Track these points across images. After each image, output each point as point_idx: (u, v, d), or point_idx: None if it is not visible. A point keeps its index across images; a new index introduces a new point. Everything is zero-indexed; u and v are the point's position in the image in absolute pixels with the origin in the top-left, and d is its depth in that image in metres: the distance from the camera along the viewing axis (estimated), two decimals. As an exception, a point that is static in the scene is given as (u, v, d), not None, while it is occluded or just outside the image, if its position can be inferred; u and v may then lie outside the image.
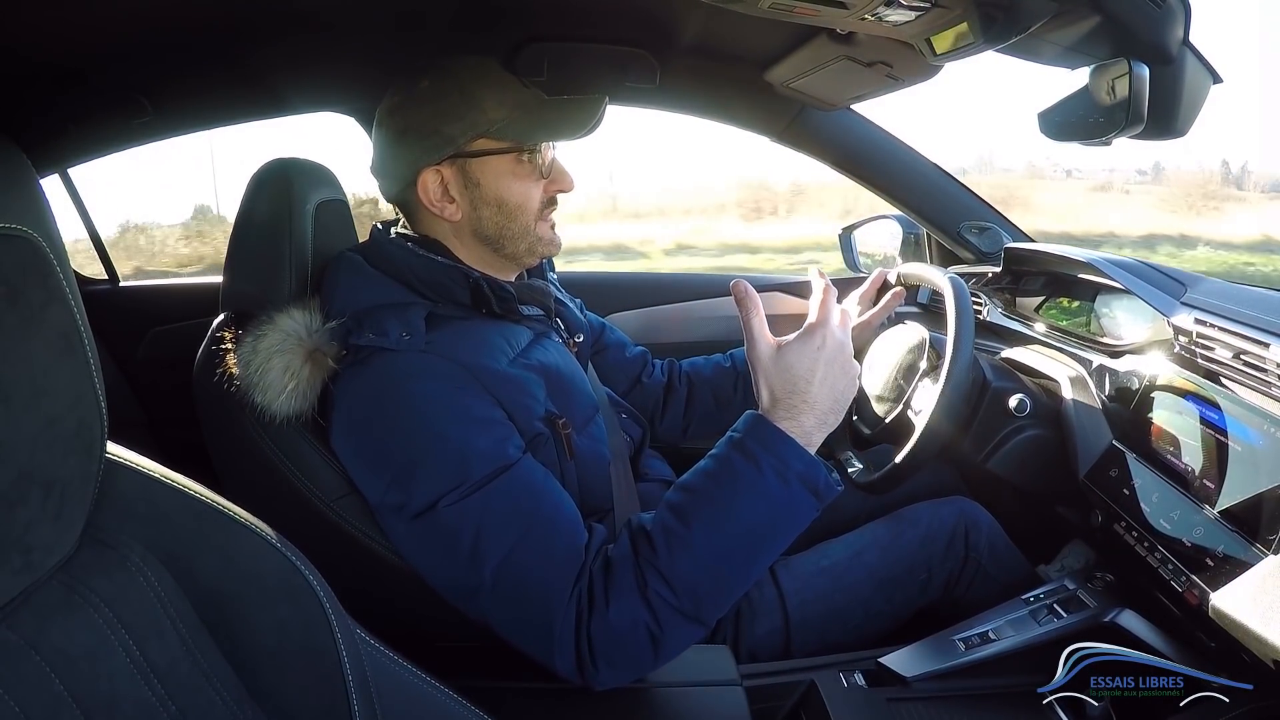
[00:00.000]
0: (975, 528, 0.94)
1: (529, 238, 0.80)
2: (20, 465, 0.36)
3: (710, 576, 0.64)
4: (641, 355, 1.14)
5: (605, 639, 0.63)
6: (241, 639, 0.45)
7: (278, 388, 0.67)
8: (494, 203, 0.78)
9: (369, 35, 1.06)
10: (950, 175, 1.37)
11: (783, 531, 0.66)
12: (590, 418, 0.81)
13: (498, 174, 0.77)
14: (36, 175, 0.38)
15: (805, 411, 0.67)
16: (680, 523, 0.64)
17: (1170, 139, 0.72)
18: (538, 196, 0.80)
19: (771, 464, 0.64)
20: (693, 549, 0.63)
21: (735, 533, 0.64)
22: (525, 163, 0.78)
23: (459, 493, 0.64)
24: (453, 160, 0.76)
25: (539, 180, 0.79)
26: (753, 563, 0.66)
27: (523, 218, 0.79)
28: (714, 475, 0.66)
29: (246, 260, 0.79)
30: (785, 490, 0.65)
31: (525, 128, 0.76)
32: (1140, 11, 0.63)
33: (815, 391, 0.67)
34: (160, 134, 1.30)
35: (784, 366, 0.67)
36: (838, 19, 0.70)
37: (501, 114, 0.76)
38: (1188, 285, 0.86)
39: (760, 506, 0.65)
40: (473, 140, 0.75)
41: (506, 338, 0.76)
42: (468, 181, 0.77)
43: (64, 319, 0.37)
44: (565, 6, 1.05)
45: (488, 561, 0.63)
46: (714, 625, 0.67)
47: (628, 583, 0.63)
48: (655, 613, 0.62)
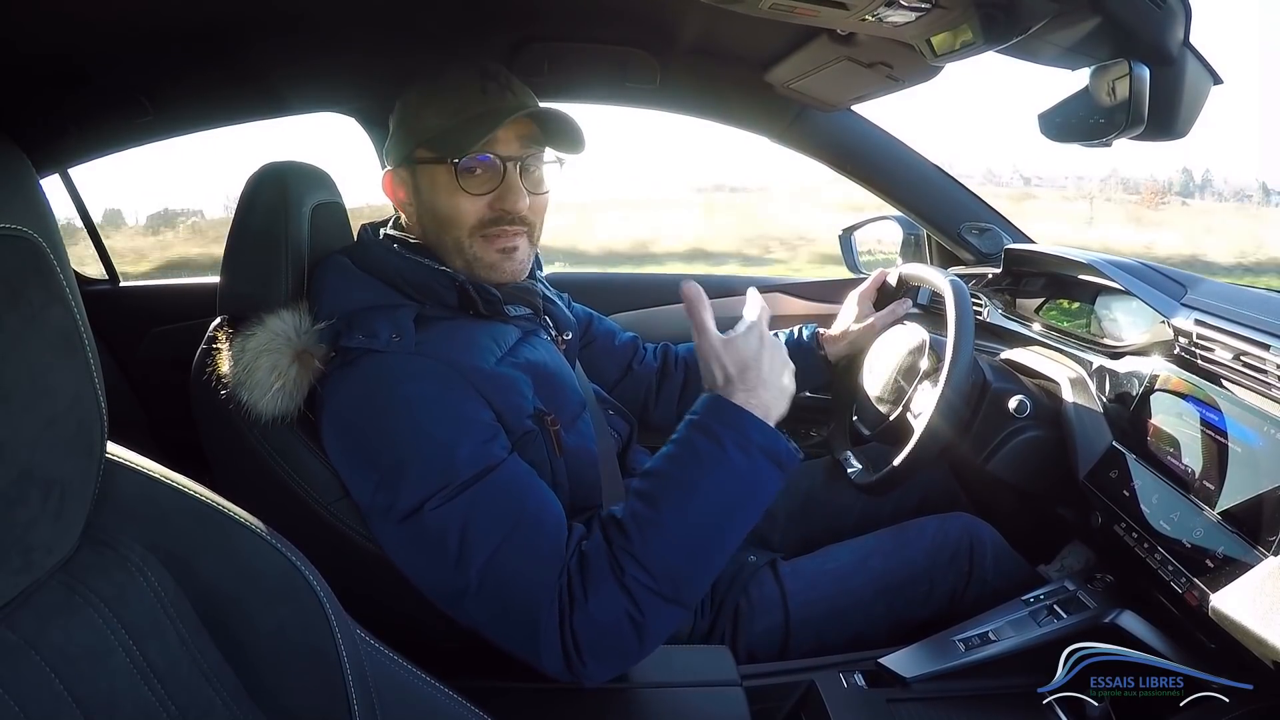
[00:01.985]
0: (980, 544, 0.93)
1: (464, 254, 0.77)
2: (20, 465, 0.36)
3: (684, 557, 0.65)
4: (631, 342, 1.14)
5: (589, 632, 0.63)
6: (241, 639, 0.45)
7: (264, 386, 0.68)
8: (430, 212, 0.77)
9: (369, 35, 1.06)
10: (950, 176, 1.37)
11: (750, 505, 0.68)
12: (578, 414, 0.81)
13: (433, 184, 0.76)
14: (37, 175, 0.38)
15: (760, 386, 0.69)
16: (649, 507, 0.65)
17: (1171, 140, 0.72)
18: (472, 211, 0.75)
19: (733, 438, 0.66)
20: (664, 531, 0.64)
21: (704, 511, 0.65)
22: (457, 174, 0.74)
23: (444, 495, 0.64)
24: (408, 165, 0.78)
25: (473, 195, 0.75)
26: (724, 539, 0.67)
27: (454, 231, 0.76)
28: (677, 458, 0.67)
29: (243, 262, 0.79)
30: (749, 462, 0.66)
31: (458, 139, 0.73)
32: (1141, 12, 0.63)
33: (767, 369, 0.70)
34: (161, 134, 1.30)
35: (736, 349, 0.70)
36: (838, 20, 0.70)
37: (435, 123, 0.75)
38: (1188, 286, 0.86)
39: (726, 482, 0.66)
40: (414, 148, 0.76)
41: (494, 337, 0.76)
42: (416, 188, 0.78)
43: (64, 319, 0.37)
44: (565, 6, 1.05)
45: (473, 563, 0.64)
46: (694, 608, 0.68)
47: (604, 573, 0.64)
48: (635, 598, 0.63)
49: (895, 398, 1.00)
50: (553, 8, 1.05)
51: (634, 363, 1.13)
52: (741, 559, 0.94)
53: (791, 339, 1.14)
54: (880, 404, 1.02)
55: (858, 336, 1.11)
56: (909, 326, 1.04)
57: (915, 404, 0.97)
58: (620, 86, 1.23)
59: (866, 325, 1.10)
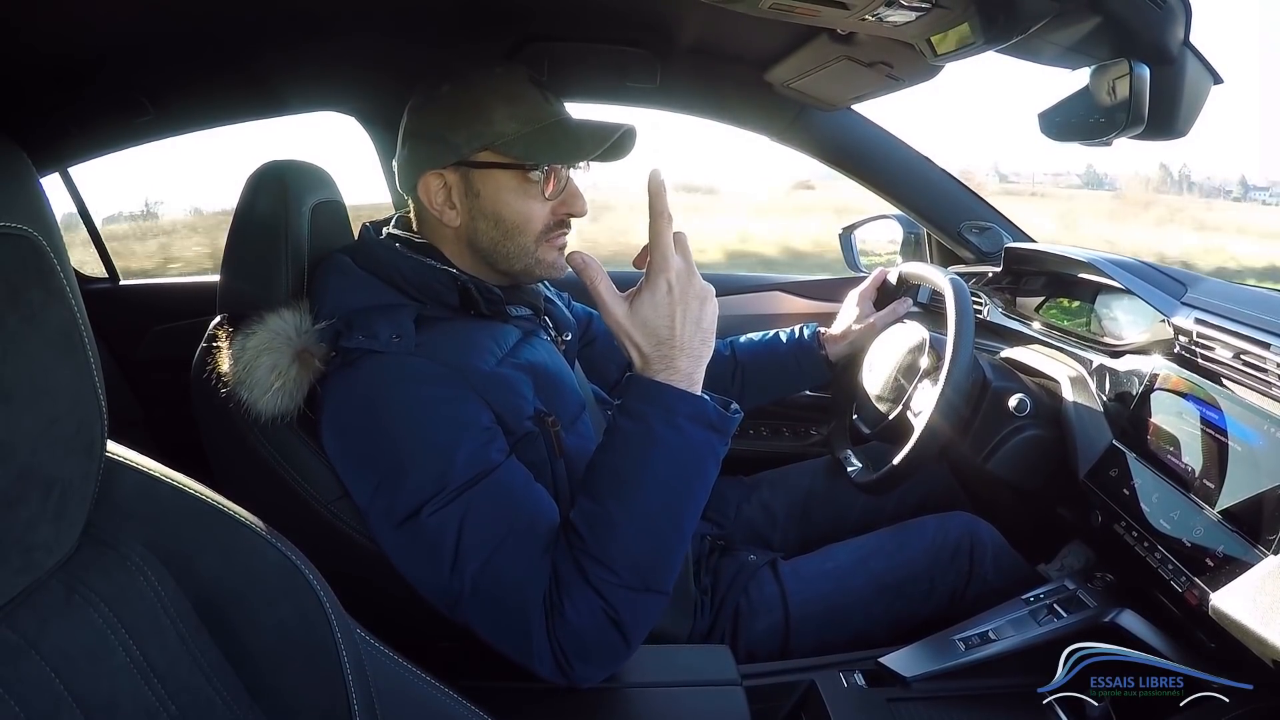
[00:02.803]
0: (979, 543, 0.93)
1: (527, 259, 0.78)
2: (20, 465, 0.36)
3: (642, 545, 0.64)
4: None
5: (570, 637, 0.63)
6: (241, 638, 0.45)
7: (263, 385, 0.67)
8: (491, 216, 0.76)
9: (370, 35, 1.06)
10: (950, 175, 1.37)
11: (696, 478, 0.66)
12: (578, 415, 0.81)
13: (499, 188, 0.76)
14: (37, 174, 0.38)
15: (677, 355, 0.66)
16: (595, 503, 0.65)
17: (1171, 139, 0.72)
18: (541, 217, 0.77)
19: (657, 415, 0.64)
20: (615, 525, 0.63)
21: (649, 495, 0.64)
22: (530, 181, 0.75)
23: (441, 499, 0.64)
24: (458, 167, 0.75)
25: (544, 201, 0.77)
26: (678, 518, 0.66)
27: (520, 238, 0.77)
28: (609, 447, 0.66)
29: (243, 261, 0.79)
30: (679, 436, 0.64)
31: (532, 146, 0.74)
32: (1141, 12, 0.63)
33: (679, 333, 0.66)
34: (161, 133, 1.30)
35: (642, 321, 0.66)
36: (838, 19, 0.70)
37: (511, 128, 0.74)
38: (1188, 285, 0.86)
39: (660, 461, 0.64)
40: (478, 150, 0.74)
41: (494, 338, 0.76)
42: (469, 190, 0.76)
43: (64, 318, 0.37)
44: (565, 6, 1.05)
45: (468, 568, 0.64)
46: (670, 592, 0.67)
47: (572, 577, 0.63)
48: (605, 597, 0.63)
49: (895, 396, 1.00)
50: (553, 8, 1.05)
51: None
52: (741, 558, 0.95)
53: (792, 338, 1.14)
54: (880, 403, 1.02)
55: (858, 336, 1.11)
56: (909, 325, 1.04)
57: (915, 403, 0.97)
58: (620, 86, 1.23)
59: (867, 325, 1.10)
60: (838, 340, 1.12)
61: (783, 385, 1.15)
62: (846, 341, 1.12)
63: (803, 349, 1.12)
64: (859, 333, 1.11)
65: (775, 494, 1.13)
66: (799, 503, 1.12)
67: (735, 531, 1.08)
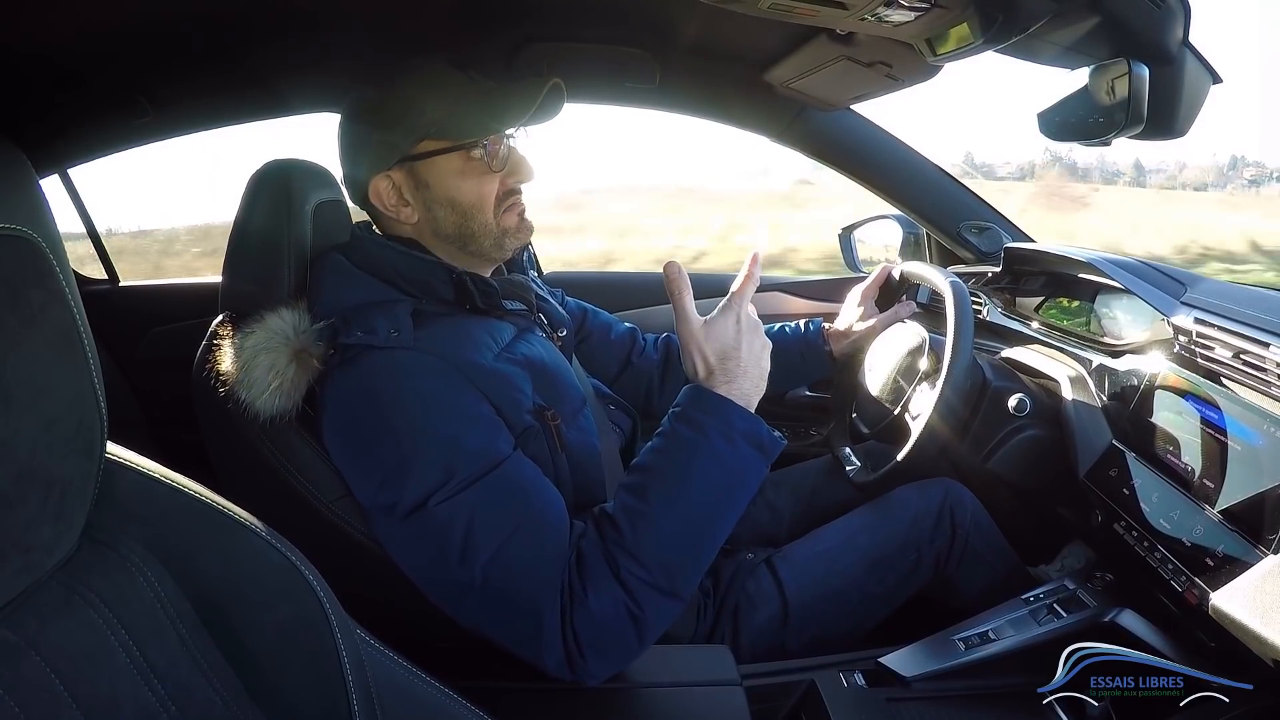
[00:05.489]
0: (960, 505, 0.97)
1: (492, 234, 0.79)
2: (20, 465, 0.36)
3: (676, 547, 0.66)
4: (629, 333, 1.14)
5: (589, 628, 0.63)
6: (241, 639, 0.45)
7: (262, 385, 0.67)
8: (446, 203, 0.77)
9: (369, 35, 1.06)
10: (950, 175, 1.37)
11: (738, 492, 0.68)
12: (579, 410, 0.81)
13: (445, 173, 0.77)
14: (36, 175, 0.38)
15: (740, 375, 0.70)
16: (639, 500, 0.66)
17: (1170, 139, 0.72)
18: (493, 191, 0.78)
19: (716, 427, 0.67)
20: (655, 523, 0.65)
21: (693, 500, 0.66)
22: (474, 159, 0.76)
23: (448, 489, 0.64)
24: (402, 164, 0.76)
25: (493, 174, 0.78)
26: (715, 527, 0.68)
27: (480, 215, 0.78)
28: (663, 450, 0.68)
29: (246, 260, 0.79)
30: (732, 450, 0.67)
31: (465, 123, 0.75)
32: (1140, 12, 0.64)
33: (744, 357, 0.70)
34: (160, 134, 1.31)
35: (714, 337, 0.70)
36: (837, 19, 0.70)
37: (441, 112, 0.75)
38: (1187, 285, 0.86)
39: (712, 470, 0.67)
40: (416, 143, 0.75)
41: (491, 333, 0.76)
42: (418, 184, 0.77)
43: (64, 319, 0.37)
44: (565, 6, 1.05)
45: (478, 559, 0.64)
46: (688, 600, 0.69)
47: (600, 569, 0.64)
48: (631, 592, 0.64)
49: (894, 398, 1.00)
50: (552, 8, 1.05)
51: (633, 355, 1.13)
52: (739, 558, 0.95)
53: (797, 331, 1.14)
54: (880, 403, 1.02)
55: (857, 336, 1.12)
56: (909, 326, 1.04)
57: (914, 405, 0.97)
58: (620, 86, 1.24)
59: (867, 327, 1.11)
60: (841, 337, 1.13)
61: (786, 377, 1.16)
62: (849, 339, 1.12)
63: (807, 343, 1.13)
64: (861, 332, 1.11)
65: (779, 494, 1.14)
66: (804, 501, 1.13)
67: (742, 533, 1.09)
